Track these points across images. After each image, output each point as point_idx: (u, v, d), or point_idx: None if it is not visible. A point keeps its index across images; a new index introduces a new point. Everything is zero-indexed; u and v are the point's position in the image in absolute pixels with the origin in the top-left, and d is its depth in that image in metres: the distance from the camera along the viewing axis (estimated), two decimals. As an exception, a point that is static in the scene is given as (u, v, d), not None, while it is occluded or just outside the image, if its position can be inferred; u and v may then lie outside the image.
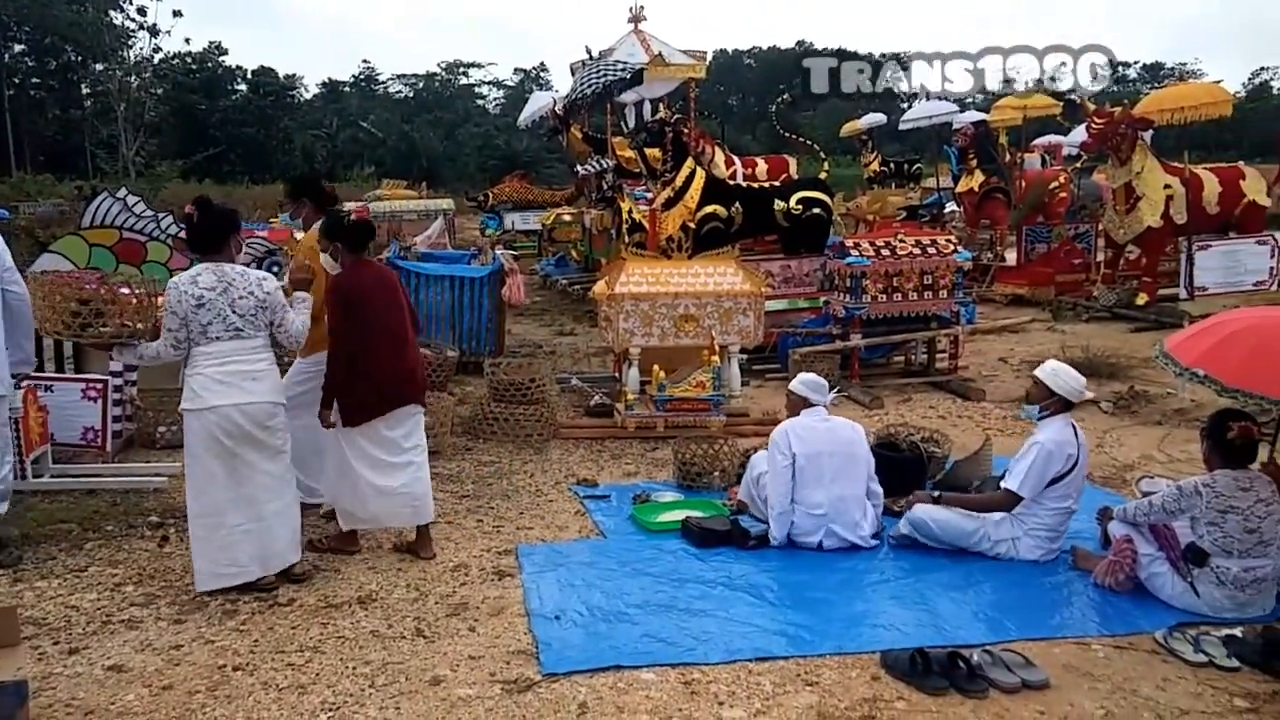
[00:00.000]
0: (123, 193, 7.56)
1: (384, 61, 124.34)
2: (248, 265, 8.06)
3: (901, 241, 7.77)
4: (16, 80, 42.00)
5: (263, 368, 3.97)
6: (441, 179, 39.01)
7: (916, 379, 7.90)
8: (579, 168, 14.56)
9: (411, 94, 59.46)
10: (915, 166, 18.32)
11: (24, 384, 5.24)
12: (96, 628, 3.62)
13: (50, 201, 20.76)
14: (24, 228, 15.82)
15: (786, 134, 13.43)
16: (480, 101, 59.77)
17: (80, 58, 40.71)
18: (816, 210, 9.24)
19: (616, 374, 7.28)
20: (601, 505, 5.09)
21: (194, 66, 44.63)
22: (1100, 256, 12.08)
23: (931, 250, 7.74)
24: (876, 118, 18.01)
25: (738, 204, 9.09)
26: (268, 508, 3.94)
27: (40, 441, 5.19)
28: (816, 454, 4.40)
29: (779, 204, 9.18)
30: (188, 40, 53.44)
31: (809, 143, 12.29)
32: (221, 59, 47.21)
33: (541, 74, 61.53)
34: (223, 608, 3.78)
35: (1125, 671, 3.28)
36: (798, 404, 4.60)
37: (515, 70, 63.68)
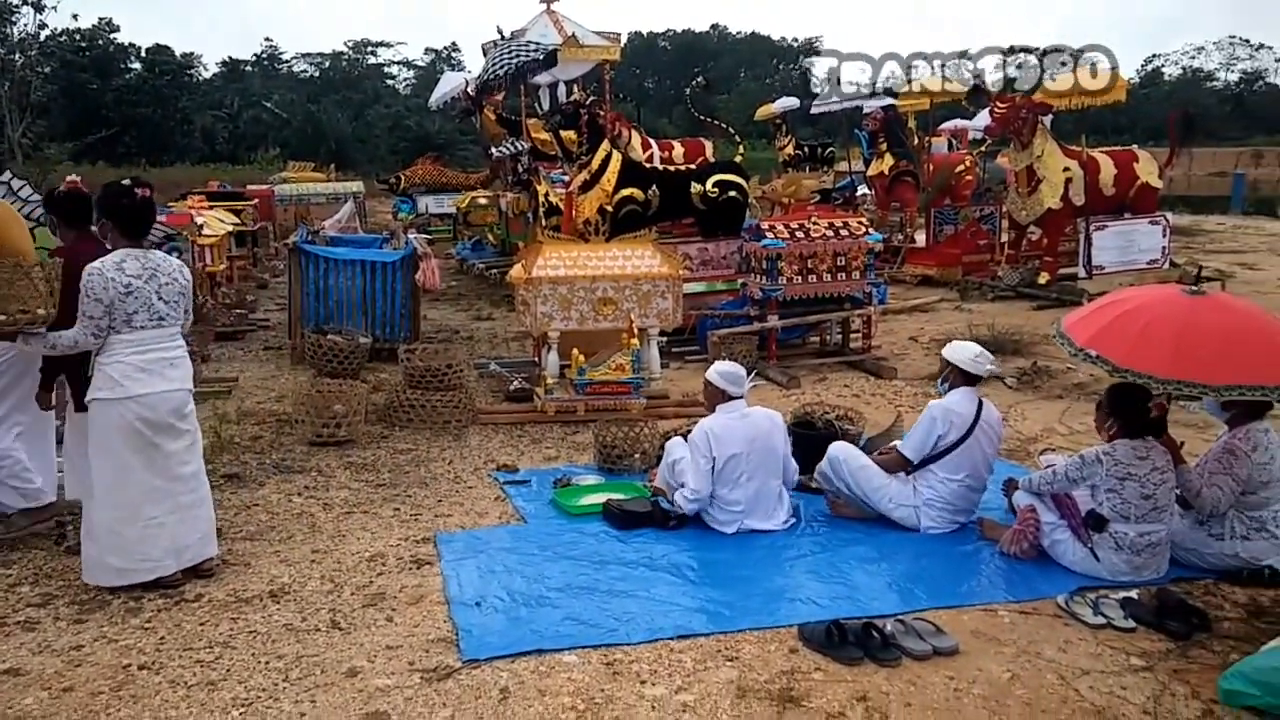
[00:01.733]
0: (7, 176, 7.12)
1: (287, 40, 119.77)
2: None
3: (815, 224, 7.89)
4: (-116, 55, 39.22)
5: (180, 354, 3.90)
6: (351, 161, 38.00)
7: (831, 359, 8.05)
8: (493, 150, 14.36)
9: (317, 73, 57.68)
10: (828, 150, 18.59)
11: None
12: (-13, 632, 3.43)
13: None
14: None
15: (702, 117, 13.50)
16: (390, 82, 58.38)
17: (-43, 33, 38.24)
18: (733, 193, 9.32)
19: (535, 358, 7.23)
20: (522, 490, 5.05)
21: (83, 44, 42.34)
22: (1004, 237, 12.50)
23: (844, 232, 7.88)
24: (790, 102, 18.20)
25: (655, 187, 9.11)
26: (184, 499, 3.82)
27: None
28: (735, 455, 4.41)
29: (696, 187, 9.23)
30: (75, 16, 50.68)
31: (724, 126, 12.38)
32: (113, 36, 44.93)
33: (453, 54, 60.48)
34: (126, 605, 3.63)
35: (1030, 635, 3.42)
36: (716, 395, 4.62)
37: (426, 50, 62.48)
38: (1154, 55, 59.26)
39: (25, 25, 24.94)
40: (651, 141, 14.97)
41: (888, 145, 14.53)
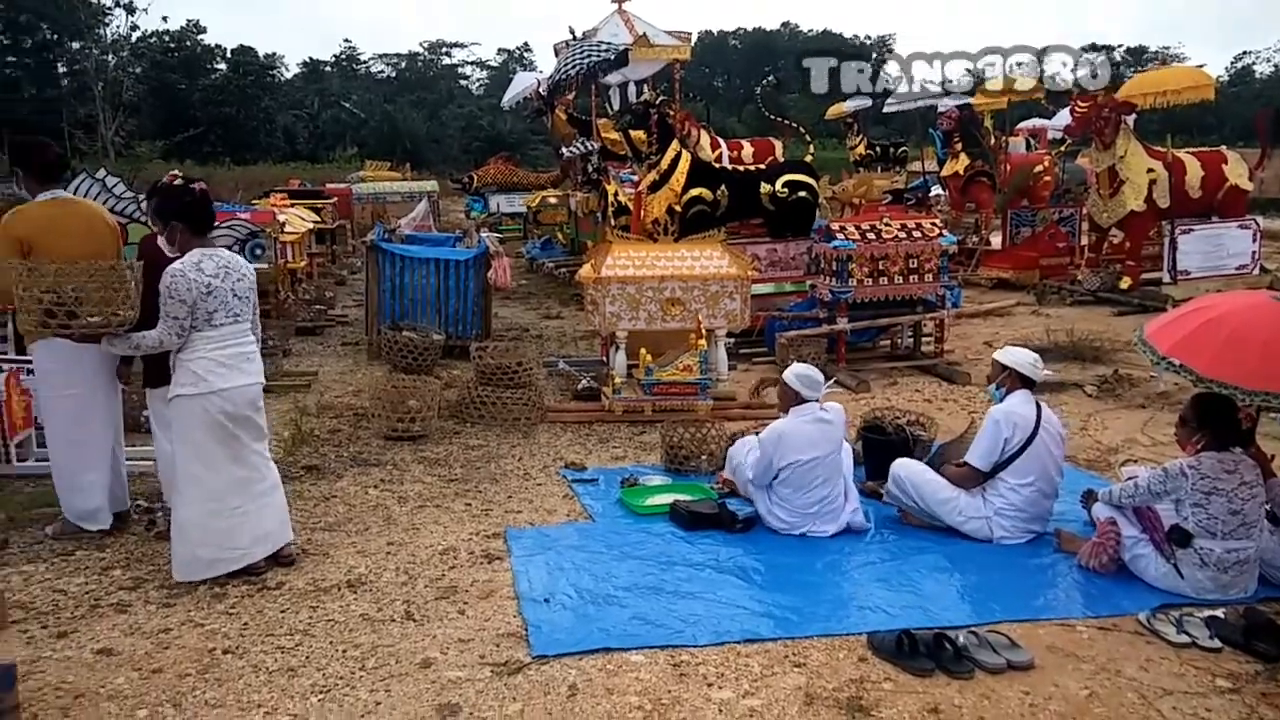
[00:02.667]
0: (102, 173, 7.44)
1: (365, 41, 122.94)
2: (230, 248, 8.03)
3: (887, 225, 7.78)
4: (-12, 58, 41.28)
5: (253, 349, 4.03)
6: (425, 160, 38.76)
7: (902, 363, 7.93)
8: (564, 150, 14.50)
9: (394, 74, 58.97)
10: (901, 150, 18.32)
11: (6, 368, 5.19)
12: (85, 611, 3.60)
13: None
14: (2, 209, 15.57)
15: (772, 116, 13.40)
16: (464, 82, 59.40)
17: (55, 35, 40.07)
18: (802, 193, 9.25)
19: (603, 358, 7.28)
20: (589, 489, 5.09)
21: (172, 45, 44.04)
22: (1084, 240, 12.15)
23: (917, 234, 7.75)
24: (862, 101, 17.94)
25: (723, 187, 9.09)
26: (258, 488, 3.95)
27: (24, 425, 5.13)
28: (810, 461, 4.38)
29: (765, 187, 9.18)
30: (165, 19, 52.76)
31: (795, 125, 12.28)
32: (200, 37, 46.59)
33: (525, 54, 61.19)
34: (211, 591, 3.77)
35: (1109, 652, 3.32)
36: (790, 397, 4.60)
37: (499, 50, 63.38)
38: (1244, 52, 56.93)
39: (118, 27, 26.05)
40: (720, 141, 14.95)
41: (963, 145, 14.24)
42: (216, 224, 4.57)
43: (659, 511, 4.71)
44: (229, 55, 46.87)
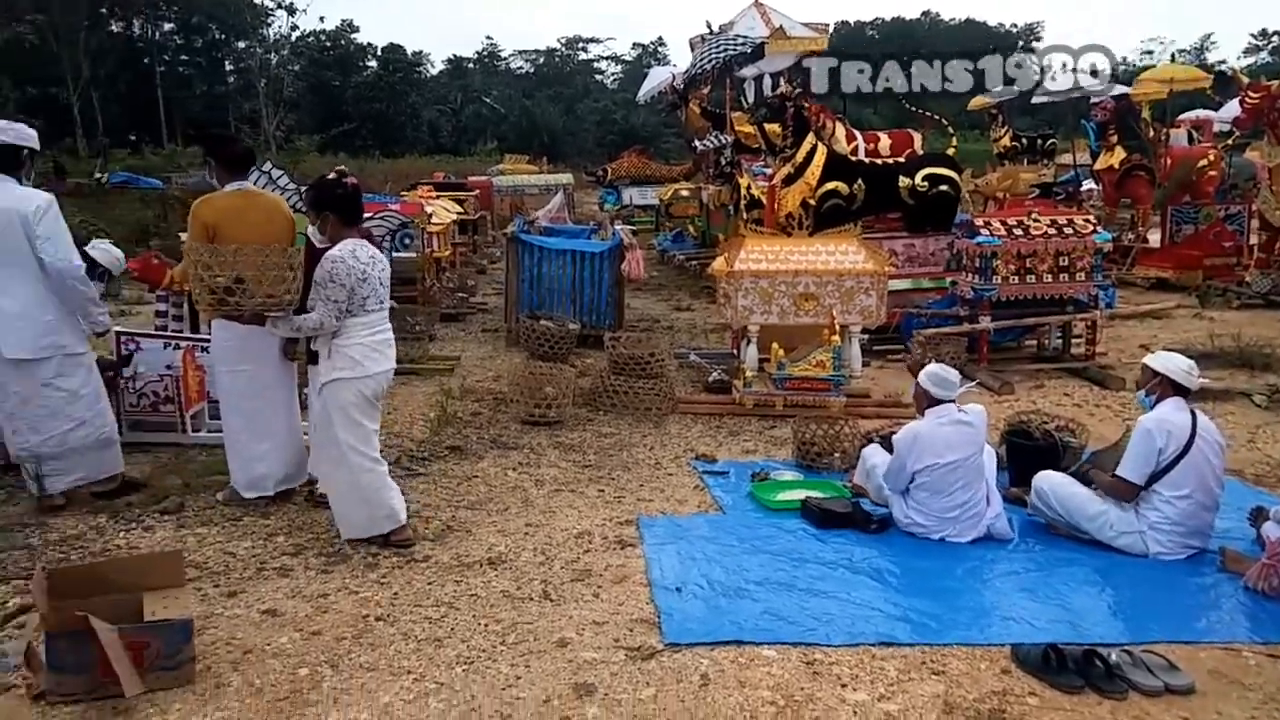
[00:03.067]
0: (267, 165, 7.93)
1: (506, 38, 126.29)
2: (382, 238, 8.43)
3: (1035, 221, 7.46)
4: (166, 58, 44.57)
5: (392, 335, 4.25)
6: (561, 153, 39.57)
7: (1049, 365, 7.58)
8: (697, 143, 14.51)
9: (532, 69, 60.44)
10: (1049, 142, 17.50)
11: (183, 345, 5.62)
12: (252, 573, 3.87)
13: (199, 173, 22.02)
14: (177, 198, 16.91)
15: (911, 107, 13.00)
16: (599, 77, 60.30)
17: (224, 36, 42.95)
18: (944, 187, 8.96)
19: (734, 350, 7.27)
20: (720, 481, 5.11)
21: (328, 44, 46.44)
22: (1254, 239, 11.29)
23: (1068, 230, 7.40)
24: (1008, 90, 17.25)
25: (860, 181, 8.90)
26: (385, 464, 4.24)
27: (198, 399, 5.56)
28: (949, 464, 4.25)
29: (904, 180, 8.94)
30: (322, 19, 55.72)
31: (935, 116, 11.89)
32: (353, 36, 48.98)
33: (659, 49, 61.55)
34: (365, 561, 3.99)
35: (1279, 681, 3.10)
36: (923, 398, 4.48)
37: (633, 45, 63.96)
38: None
39: (279, 27, 27.69)
40: (856, 133, 14.62)
41: (1119, 137, 13.47)
42: (369, 215, 4.82)
43: (790, 507, 4.69)
44: (379, 53, 49.12)
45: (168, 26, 45.01)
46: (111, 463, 4.65)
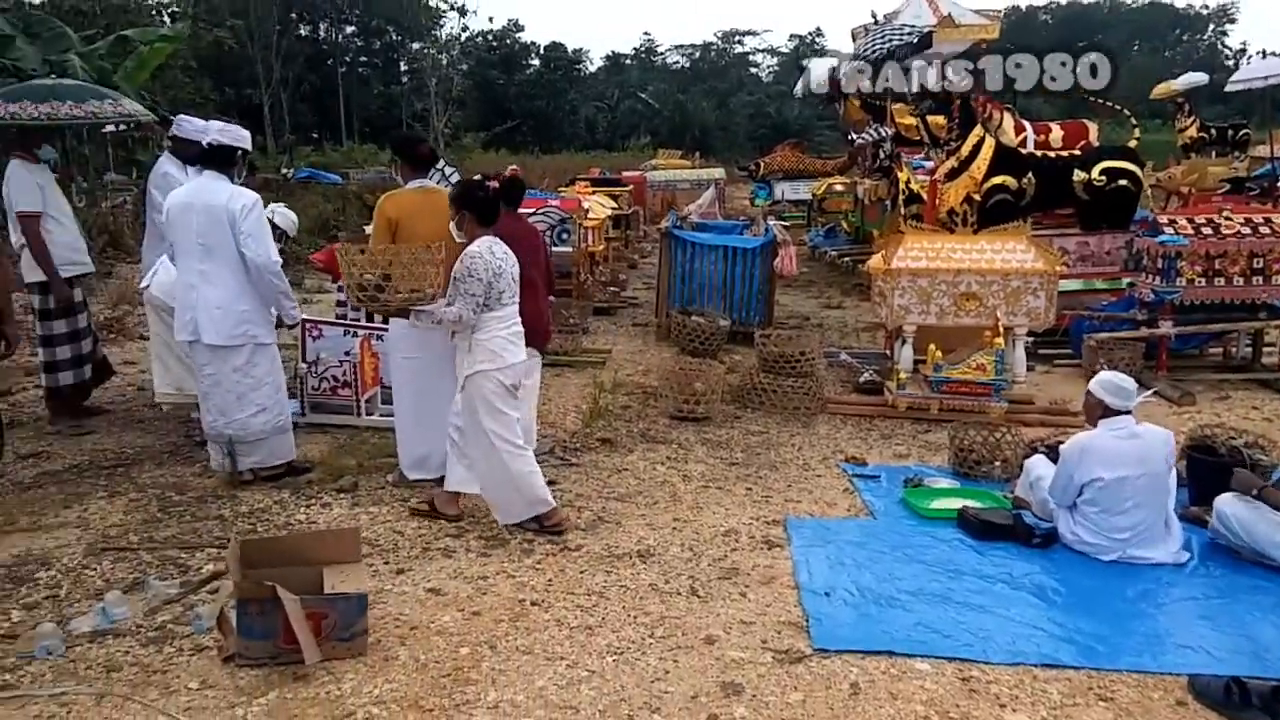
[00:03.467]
0: (440, 163, 8.31)
1: (664, 33, 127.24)
2: (543, 233, 8.68)
3: (1227, 219, 6.91)
4: (347, 59, 47.39)
5: (522, 329, 4.39)
6: (712, 148, 39.58)
7: (1236, 375, 7.01)
8: (854, 136, 14.19)
9: (688, 64, 60.68)
10: (1242, 133, 16.05)
11: (361, 333, 5.99)
12: (418, 553, 4.10)
13: (374, 169, 23.39)
14: (355, 192, 18.03)
15: (1087, 97, 12.23)
16: (753, 70, 59.93)
17: (400, 37, 45.29)
18: (1123, 182, 8.42)
19: (888, 351, 7.10)
20: (870, 485, 5.01)
21: (494, 43, 48.16)
22: None
23: (1264, 229, 6.84)
24: (1196, 77, 15.93)
25: (1030, 175, 8.47)
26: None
27: (372, 384, 5.92)
28: (1119, 479, 4.01)
29: (1079, 174, 8.46)
30: (490, 19, 57.82)
31: (1114, 105, 11.14)
32: (518, 36, 50.59)
33: (817, 39, 60.45)
34: (521, 546, 4.15)
35: None
36: (1095, 407, 4.23)
37: (790, 36, 63.08)
38: None
39: (451, 28, 28.94)
40: (1026, 124, 13.90)
41: (1327, 126, 12.20)
42: (531, 210, 4.99)
43: (945, 516, 4.54)
44: (542, 52, 50.54)
45: (350, 29, 47.79)
46: (285, 450, 5.01)
